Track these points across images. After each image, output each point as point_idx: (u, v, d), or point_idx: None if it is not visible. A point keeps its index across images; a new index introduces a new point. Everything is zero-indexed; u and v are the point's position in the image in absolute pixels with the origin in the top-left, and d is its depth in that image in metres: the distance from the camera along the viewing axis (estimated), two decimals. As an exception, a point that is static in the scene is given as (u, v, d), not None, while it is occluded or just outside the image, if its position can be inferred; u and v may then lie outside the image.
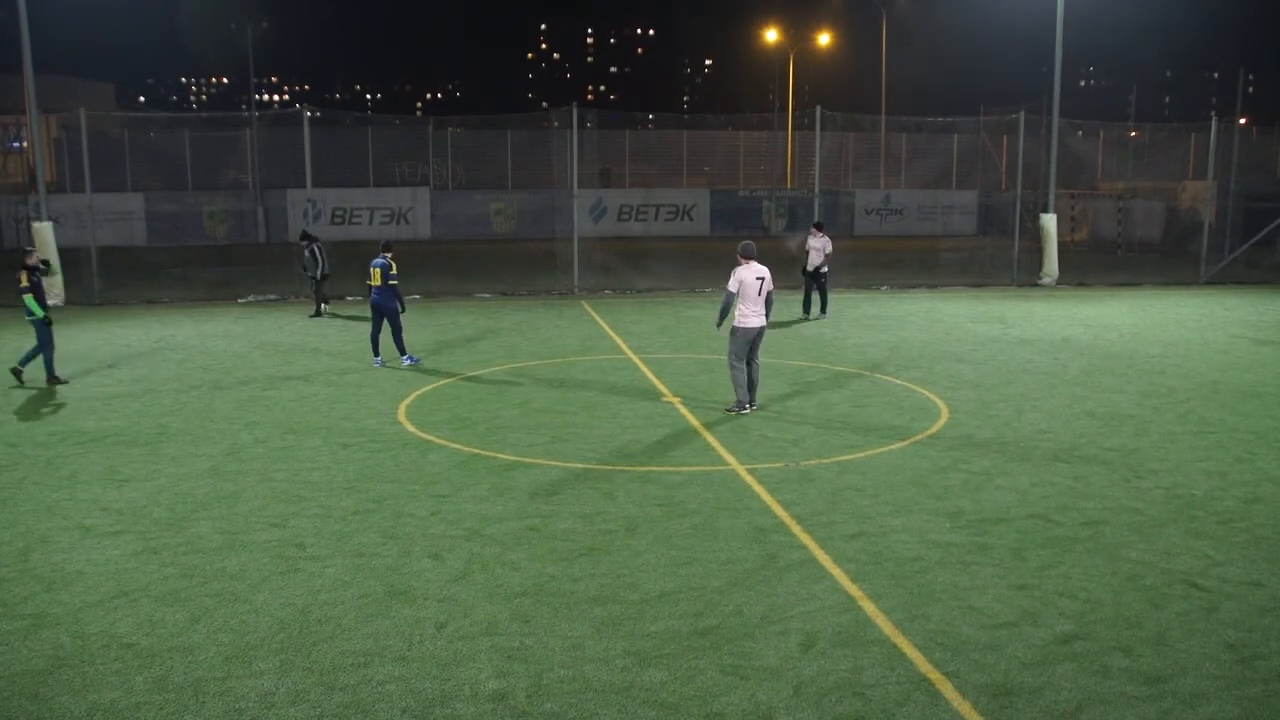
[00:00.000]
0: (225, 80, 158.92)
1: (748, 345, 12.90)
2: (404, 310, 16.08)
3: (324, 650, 6.69)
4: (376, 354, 16.17)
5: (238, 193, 41.98)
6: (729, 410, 13.05)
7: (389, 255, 15.82)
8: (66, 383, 14.82)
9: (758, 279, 12.82)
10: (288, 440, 11.89)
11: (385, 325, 16.00)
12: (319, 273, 21.69)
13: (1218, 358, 17.07)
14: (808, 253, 21.29)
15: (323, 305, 22.07)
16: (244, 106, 64.88)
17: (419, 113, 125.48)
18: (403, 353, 16.11)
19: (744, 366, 13.00)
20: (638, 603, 7.41)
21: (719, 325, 13.29)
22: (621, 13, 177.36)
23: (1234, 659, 6.63)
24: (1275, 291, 26.97)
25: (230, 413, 13.25)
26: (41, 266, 15.00)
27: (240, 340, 18.77)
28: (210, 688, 6.23)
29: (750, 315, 12.84)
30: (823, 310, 21.44)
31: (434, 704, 6.06)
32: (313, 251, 21.72)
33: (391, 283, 15.71)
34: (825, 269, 21.26)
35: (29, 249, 16.15)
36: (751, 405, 13.09)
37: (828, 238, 21.31)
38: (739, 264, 12.87)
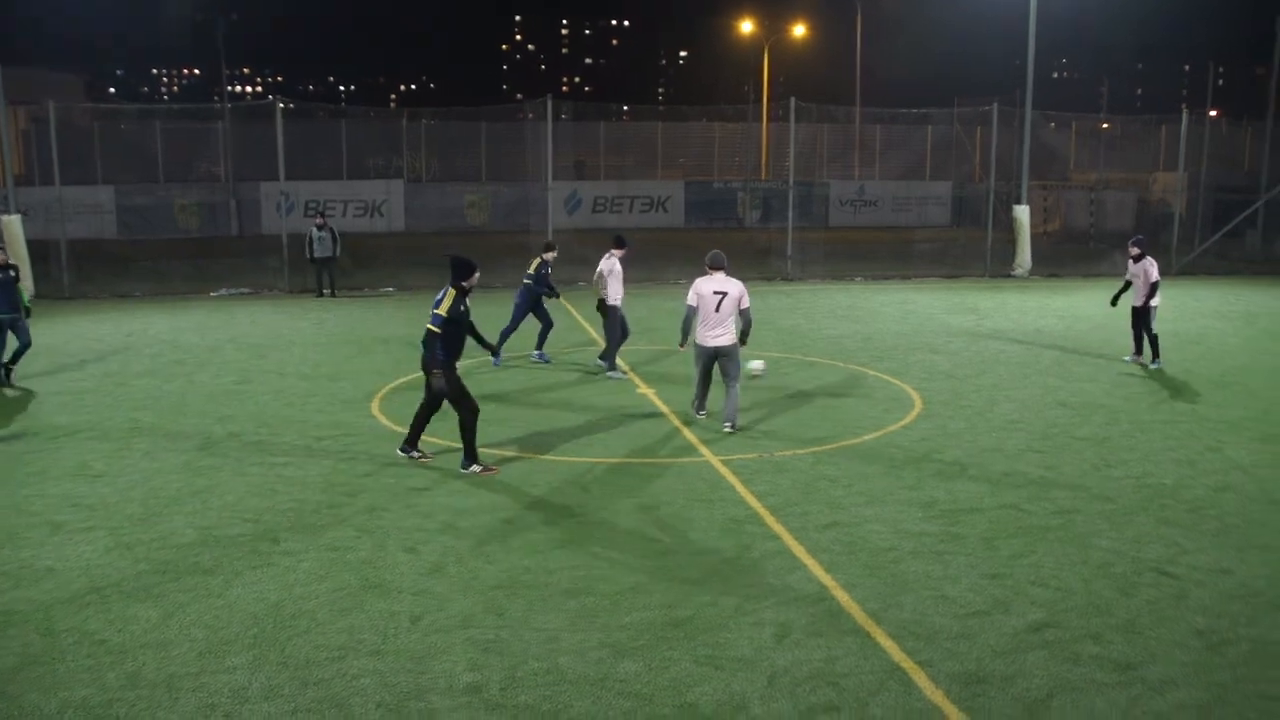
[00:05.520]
0: (197, 72, 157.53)
1: (707, 363, 11.87)
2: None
3: (298, 645, 6.67)
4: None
5: (210, 185, 41.68)
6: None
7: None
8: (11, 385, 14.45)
9: (716, 294, 11.54)
10: (261, 434, 11.84)
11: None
12: (334, 251, 23.26)
13: (1188, 348, 17.21)
14: None
15: (334, 287, 23.45)
16: (216, 98, 64.34)
17: (393, 105, 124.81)
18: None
19: (705, 378, 12.02)
20: (612, 594, 7.42)
21: (681, 344, 12.15)
22: (596, 4, 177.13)
23: (1203, 645, 6.70)
24: (1244, 282, 27.21)
25: (203, 407, 13.18)
26: (11, 273, 14.69)
27: (213, 334, 18.65)
28: (183, 683, 6.20)
29: (707, 334, 11.65)
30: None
31: (409, 697, 6.05)
32: (331, 231, 23.32)
33: (525, 280, 15.76)
34: None
35: None
36: (729, 426, 11.70)
37: None
38: (704, 274, 11.85)
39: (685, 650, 6.60)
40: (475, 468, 10.27)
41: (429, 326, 10.14)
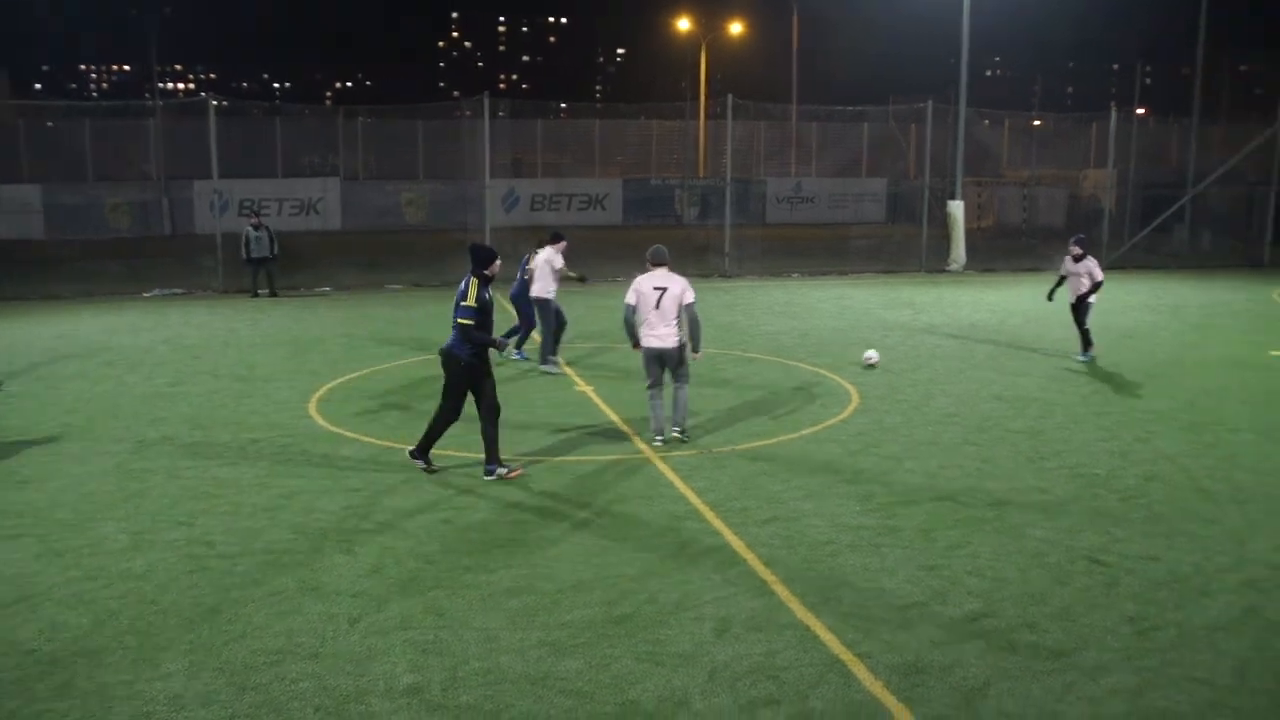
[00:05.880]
0: (127, 68, 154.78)
1: (657, 367, 11.09)
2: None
3: (235, 650, 6.59)
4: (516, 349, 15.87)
5: (141, 184, 40.91)
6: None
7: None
8: None
9: (656, 289, 10.88)
10: (196, 436, 11.67)
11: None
12: (272, 251, 23.05)
13: (1119, 341, 17.53)
14: None
15: (274, 287, 23.20)
16: (147, 95, 63.19)
17: (329, 102, 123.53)
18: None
19: (656, 387, 11.18)
20: (552, 593, 7.41)
21: (634, 345, 11.16)
22: (534, 2, 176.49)
23: (1133, 631, 6.84)
24: (1172, 276, 27.78)
25: (136, 409, 12.96)
26: None
27: (146, 335, 18.34)
28: (117, 692, 6.09)
29: (650, 335, 10.95)
30: None
31: (348, 700, 6.00)
32: (267, 231, 23.14)
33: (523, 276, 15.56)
34: None
35: None
36: (679, 431, 11.18)
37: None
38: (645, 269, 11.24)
39: (626, 647, 6.61)
40: (501, 470, 9.93)
41: (460, 321, 9.77)
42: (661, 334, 10.91)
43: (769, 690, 6.10)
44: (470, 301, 9.81)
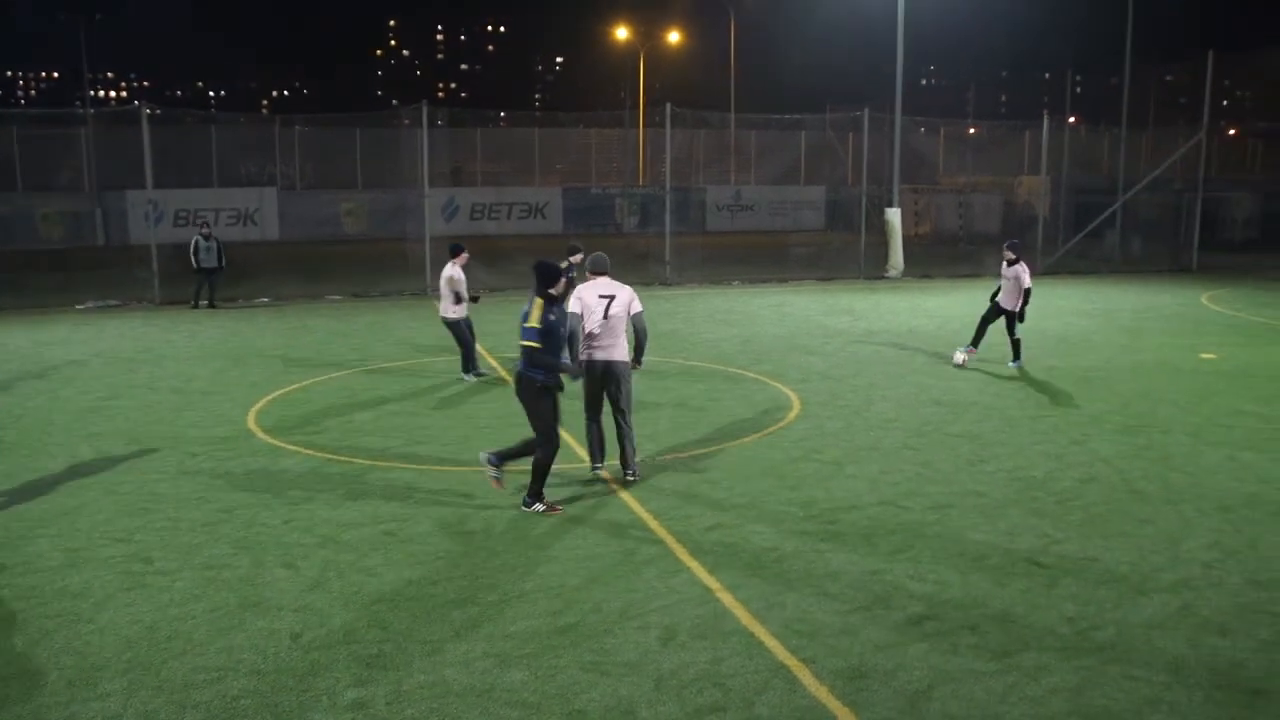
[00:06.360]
0: (56, 75, 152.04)
1: (598, 388, 10.15)
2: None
3: (174, 667, 6.49)
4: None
5: (74, 194, 40.19)
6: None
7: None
8: None
9: (602, 298, 10.02)
10: (132, 451, 11.47)
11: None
12: (220, 263, 22.94)
13: (1053, 345, 17.82)
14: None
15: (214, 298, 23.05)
16: (78, 103, 62.09)
17: (265, 110, 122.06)
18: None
19: (595, 409, 10.28)
20: (497, 603, 7.38)
21: (572, 361, 9.83)
22: (472, 9, 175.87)
23: (1072, 631, 6.95)
24: (1104, 281, 28.30)
25: (70, 424, 12.72)
26: None
27: (79, 348, 18.00)
28: (52, 714, 5.97)
29: (595, 347, 10.01)
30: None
31: (291, 716, 5.93)
32: (216, 241, 23.02)
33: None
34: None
35: None
36: (631, 474, 10.18)
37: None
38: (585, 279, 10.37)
39: (572, 657, 6.60)
40: (539, 506, 9.34)
41: (525, 343, 9.17)
42: (608, 346, 10.00)
43: (715, 698, 6.12)
44: (534, 322, 9.17)
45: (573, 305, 10.03)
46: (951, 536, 8.72)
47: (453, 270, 14.89)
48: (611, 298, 10.03)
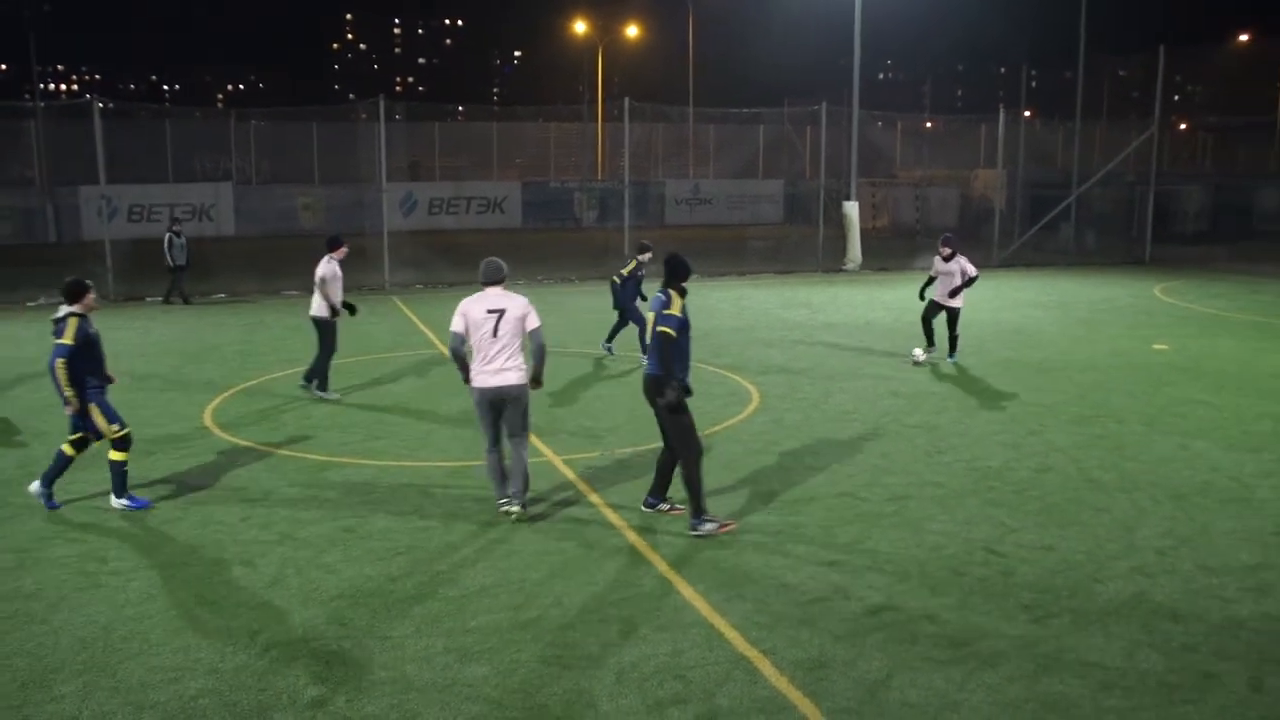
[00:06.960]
0: (4, 67, 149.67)
1: (492, 414, 8.86)
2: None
3: (131, 668, 6.42)
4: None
5: (24, 189, 39.63)
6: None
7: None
8: None
9: (490, 313, 8.69)
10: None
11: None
12: (186, 260, 22.74)
13: (1010, 336, 18.00)
14: None
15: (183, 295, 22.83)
16: (27, 96, 61.14)
17: (220, 104, 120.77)
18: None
19: (493, 435, 8.98)
20: (457, 598, 7.36)
21: (466, 380, 8.86)
22: (429, 3, 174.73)
23: (1029, 619, 7.03)
24: (1060, 273, 28.61)
25: (21, 422, 12.54)
26: None
27: (29, 345, 17.72)
28: (6, 717, 5.89)
29: (484, 370, 8.71)
30: None
31: (251, 715, 5.89)
32: (184, 239, 22.86)
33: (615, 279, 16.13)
34: None
35: None
36: (516, 504, 8.91)
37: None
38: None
39: (533, 651, 6.59)
40: (709, 525, 8.49)
41: (661, 330, 8.38)
42: (500, 368, 8.70)
43: (676, 690, 6.14)
44: (675, 310, 8.47)
45: (454, 323, 8.82)
46: (909, 526, 8.78)
47: (326, 268, 13.33)
48: (501, 312, 8.71)
